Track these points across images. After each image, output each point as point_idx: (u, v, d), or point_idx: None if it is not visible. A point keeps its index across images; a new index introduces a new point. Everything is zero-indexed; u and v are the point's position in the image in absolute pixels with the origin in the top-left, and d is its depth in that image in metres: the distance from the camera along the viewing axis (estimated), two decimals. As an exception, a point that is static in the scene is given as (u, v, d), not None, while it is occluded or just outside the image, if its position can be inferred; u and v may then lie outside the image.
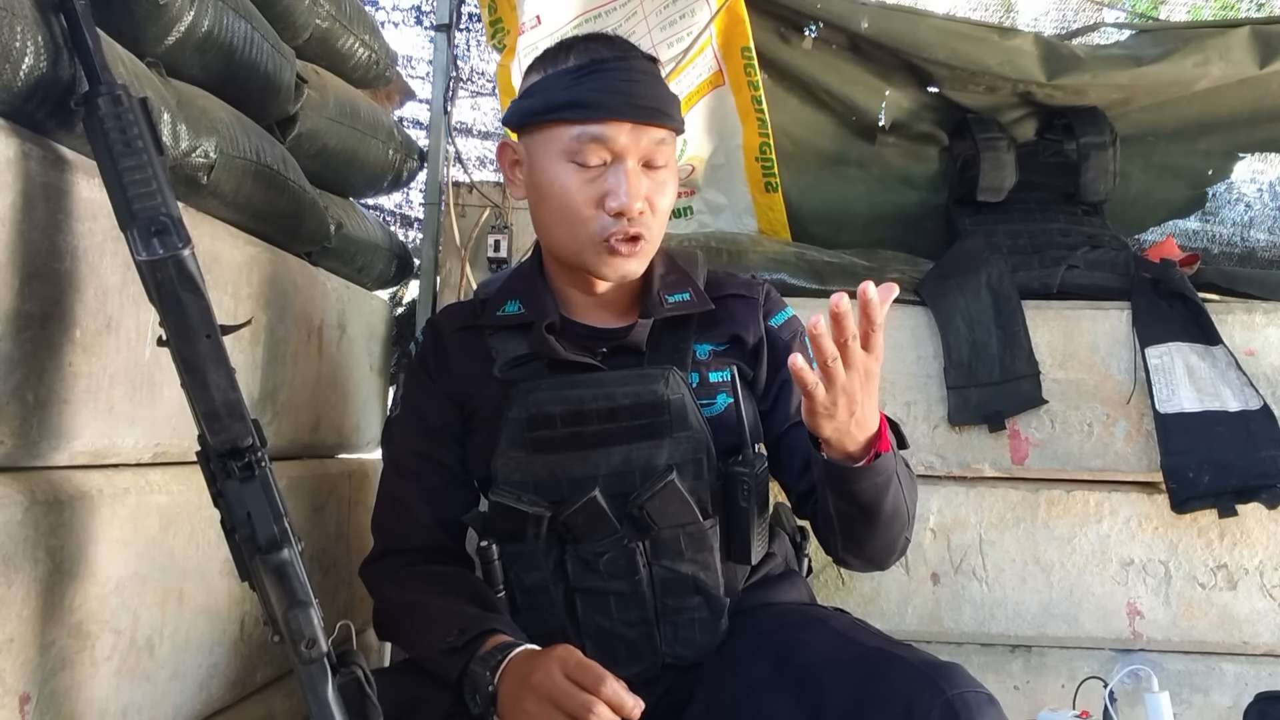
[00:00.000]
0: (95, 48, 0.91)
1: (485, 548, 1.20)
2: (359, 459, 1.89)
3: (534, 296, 1.29)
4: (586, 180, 1.21)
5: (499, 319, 1.29)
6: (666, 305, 1.28)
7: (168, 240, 0.89)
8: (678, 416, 1.20)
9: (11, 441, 0.88)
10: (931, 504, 1.87)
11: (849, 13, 2.13)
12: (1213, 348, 1.85)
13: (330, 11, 1.63)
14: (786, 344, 1.31)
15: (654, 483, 1.17)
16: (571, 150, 1.21)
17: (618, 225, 1.20)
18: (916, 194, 2.29)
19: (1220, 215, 2.35)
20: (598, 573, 1.19)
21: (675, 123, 1.24)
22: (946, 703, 0.98)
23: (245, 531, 0.92)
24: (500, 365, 1.26)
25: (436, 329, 1.35)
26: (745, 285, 1.36)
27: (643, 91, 1.22)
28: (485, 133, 2.70)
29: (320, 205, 1.56)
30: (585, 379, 1.22)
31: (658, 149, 1.22)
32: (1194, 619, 1.84)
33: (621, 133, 1.20)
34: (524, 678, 1.01)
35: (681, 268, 1.33)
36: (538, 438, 1.21)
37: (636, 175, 1.21)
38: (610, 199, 1.20)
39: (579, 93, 1.21)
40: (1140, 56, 2.14)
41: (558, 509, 1.19)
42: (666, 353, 1.26)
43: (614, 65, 1.22)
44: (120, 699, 1.02)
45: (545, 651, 1.04)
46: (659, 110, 1.22)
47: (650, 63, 1.28)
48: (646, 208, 1.22)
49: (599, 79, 1.21)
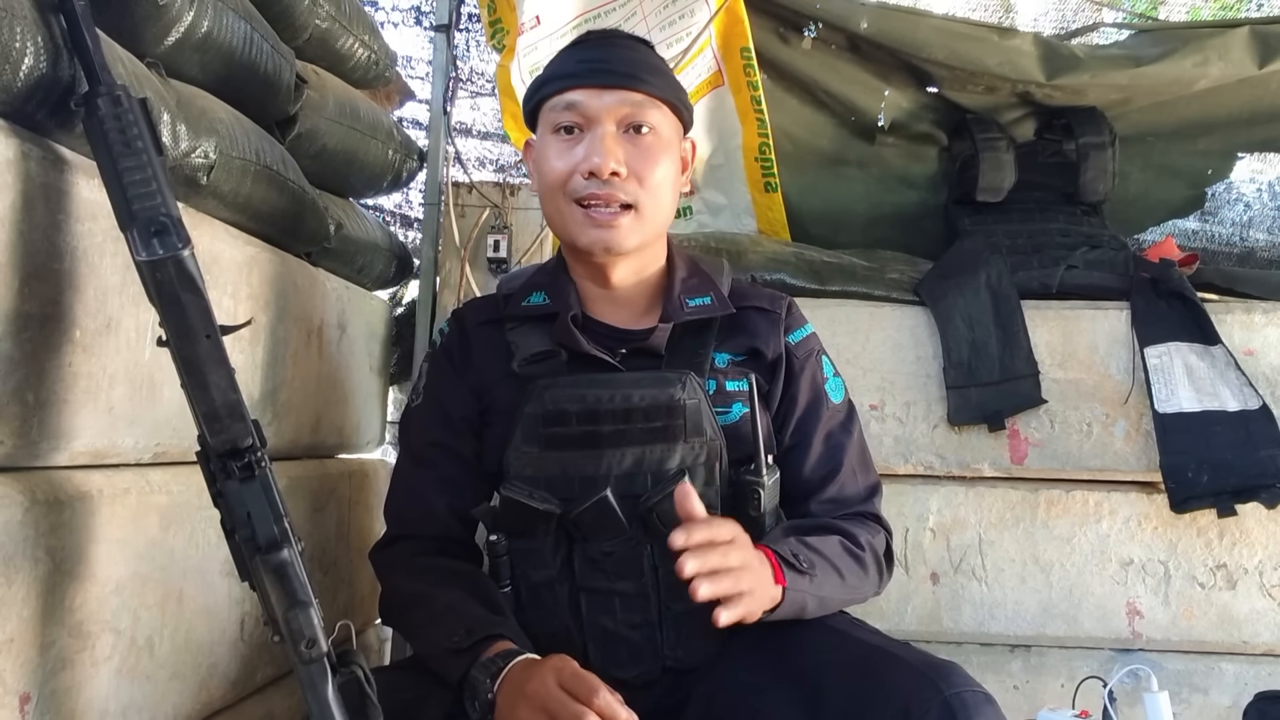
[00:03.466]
0: (95, 48, 0.91)
1: (494, 542, 1.20)
2: (359, 459, 1.89)
3: (558, 289, 1.30)
4: (565, 148, 1.25)
5: (524, 309, 1.29)
6: (687, 309, 1.28)
7: (167, 240, 0.89)
8: (692, 422, 1.20)
9: (11, 441, 0.88)
10: (931, 504, 1.87)
11: (848, 13, 2.13)
12: (1212, 347, 1.85)
13: (330, 12, 1.63)
14: (802, 362, 1.32)
15: (665, 486, 1.17)
16: (553, 122, 1.26)
17: (590, 187, 1.22)
18: (916, 194, 2.29)
19: (1219, 215, 2.35)
20: (604, 572, 1.20)
21: (652, 87, 1.25)
22: (944, 702, 0.98)
23: (245, 532, 0.92)
24: (519, 360, 1.26)
25: (461, 321, 1.36)
26: (769, 299, 1.36)
27: (615, 57, 1.25)
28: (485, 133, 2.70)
29: (320, 205, 1.57)
30: (602, 378, 1.23)
31: (637, 112, 1.24)
32: (1193, 619, 1.84)
33: (591, 97, 1.23)
34: (520, 685, 1.01)
35: (704, 272, 1.33)
36: (552, 434, 1.21)
37: (611, 138, 1.23)
38: (582, 162, 1.22)
39: (555, 68, 1.29)
40: (1139, 56, 2.14)
41: (568, 507, 1.19)
42: (685, 358, 1.26)
43: (595, 43, 1.29)
44: (120, 699, 1.02)
45: (542, 661, 1.04)
46: (630, 74, 1.24)
47: (639, 42, 1.31)
48: (627, 172, 1.22)
49: (578, 53, 1.28)
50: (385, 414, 2.09)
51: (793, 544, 1.16)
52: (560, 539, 1.20)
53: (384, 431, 2.08)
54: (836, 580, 1.19)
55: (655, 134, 1.25)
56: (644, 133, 1.24)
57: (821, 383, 1.33)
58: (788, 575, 1.12)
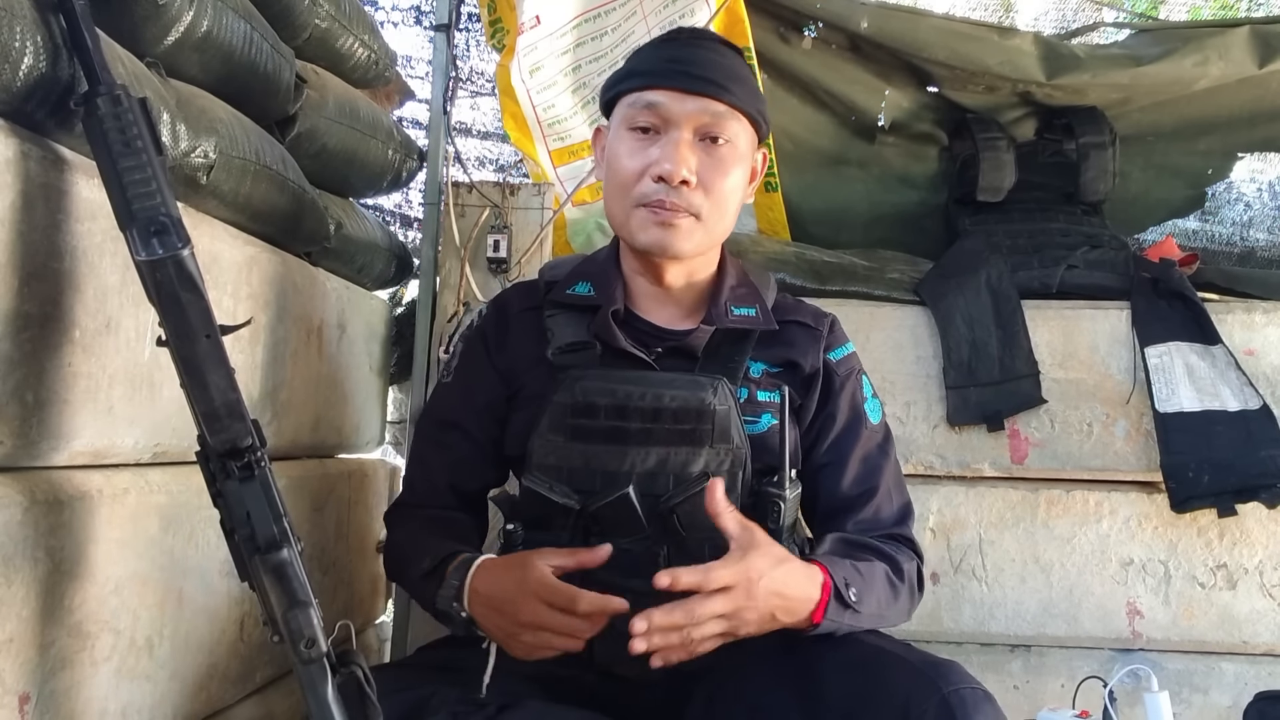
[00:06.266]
0: (95, 48, 0.91)
1: (511, 531, 1.20)
2: (359, 459, 1.89)
3: (605, 281, 1.29)
4: (640, 147, 1.23)
5: (568, 297, 1.29)
6: (731, 317, 1.27)
7: (167, 240, 0.89)
8: (720, 428, 1.20)
9: (11, 441, 0.88)
10: (931, 504, 1.87)
11: (848, 12, 2.13)
12: (1212, 347, 1.85)
13: (330, 11, 1.63)
14: (842, 380, 1.32)
15: (688, 487, 1.17)
16: (629, 118, 1.24)
17: (659, 192, 1.21)
18: (916, 194, 2.29)
19: (1220, 215, 2.35)
20: (618, 569, 1.18)
21: (734, 98, 1.23)
22: (943, 700, 0.98)
23: (245, 531, 0.92)
24: (554, 348, 1.26)
25: (502, 306, 1.37)
26: (812, 315, 1.36)
27: (700, 60, 1.23)
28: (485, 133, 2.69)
29: (320, 205, 1.56)
30: (635, 375, 1.23)
31: (716, 123, 1.22)
32: (1194, 618, 1.84)
33: (672, 100, 1.21)
34: (498, 606, 1.09)
35: (753, 283, 1.33)
36: (578, 425, 1.21)
37: (686, 145, 1.21)
38: (654, 165, 1.21)
39: (639, 63, 1.27)
40: (1140, 56, 2.14)
41: (587, 500, 1.19)
42: (720, 363, 1.26)
43: (683, 40, 1.27)
44: (120, 699, 1.02)
45: (514, 579, 1.09)
46: (713, 81, 1.22)
47: (728, 47, 1.29)
48: (697, 181, 1.21)
49: (663, 50, 1.26)
50: (385, 414, 2.09)
51: (848, 570, 1.15)
52: (576, 533, 1.20)
53: (384, 431, 2.08)
54: (875, 614, 1.18)
55: (731, 145, 1.23)
56: (720, 143, 1.23)
57: (861, 402, 1.33)
58: (832, 608, 1.10)
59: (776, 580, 1.06)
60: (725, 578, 1.04)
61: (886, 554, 1.24)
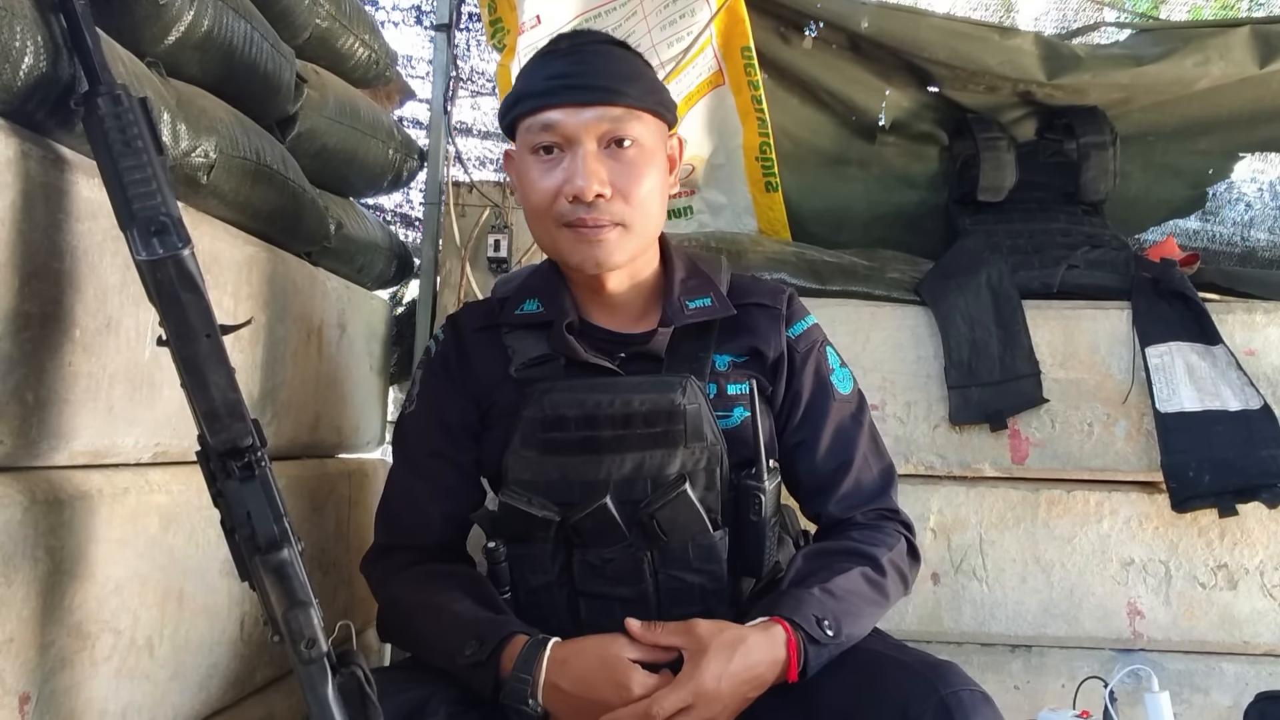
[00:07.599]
0: (95, 47, 0.91)
1: (493, 549, 1.19)
2: (359, 459, 1.89)
3: (552, 295, 1.27)
4: (548, 169, 1.20)
5: (517, 317, 1.27)
6: (687, 311, 1.25)
7: (167, 240, 0.89)
8: (693, 427, 1.19)
9: (11, 441, 0.88)
10: (931, 504, 1.87)
11: (849, 12, 2.12)
12: (1213, 347, 1.85)
13: (330, 11, 1.63)
14: (804, 355, 1.30)
15: (665, 492, 1.16)
16: (530, 142, 1.21)
17: (577, 211, 1.18)
18: (916, 194, 2.28)
19: (1220, 215, 2.34)
20: (604, 578, 1.18)
21: (630, 99, 1.19)
22: (941, 701, 0.98)
23: (245, 531, 0.92)
24: (517, 365, 1.25)
25: (457, 327, 1.34)
26: (769, 294, 1.33)
27: (588, 71, 1.20)
28: (485, 132, 2.70)
29: (320, 205, 1.56)
30: (602, 383, 1.21)
31: (617, 127, 1.19)
32: (1194, 619, 1.84)
33: (568, 115, 1.18)
34: (584, 709, 1.08)
35: (703, 271, 1.31)
36: (550, 439, 1.20)
37: (593, 157, 1.18)
38: (566, 185, 1.18)
39: (528, 83, 1.23)
40: (1140, 56, 2.14)
41: (567, 512, 1.18)
42: (686, 361, 1.24)
43: (564, 52, 1.23)
44: (120, 699, 1.02)
45: (580, 650, 1.10)
46: (604, 88, 1.19)
47: (612, 45, 1.26)
48: (612, 191, 1.18)
49: (547, 67, 1.22)
50: (385, 414, 2.10)
51: (816, 603, 1.12)
52: (559, 545, 1.19)
53: (384, 431, 2.08)
54: (861, 627, 1.16)
55: (638, 146, 1.20)
56: (626, 146, 1.20)
57: (827, 374, 1.31)
58: (810, 652, 1.09)
59: (736, 670, 1.06)
60: (676, 702, 1.05)
61: (864, 552, 1.21)
